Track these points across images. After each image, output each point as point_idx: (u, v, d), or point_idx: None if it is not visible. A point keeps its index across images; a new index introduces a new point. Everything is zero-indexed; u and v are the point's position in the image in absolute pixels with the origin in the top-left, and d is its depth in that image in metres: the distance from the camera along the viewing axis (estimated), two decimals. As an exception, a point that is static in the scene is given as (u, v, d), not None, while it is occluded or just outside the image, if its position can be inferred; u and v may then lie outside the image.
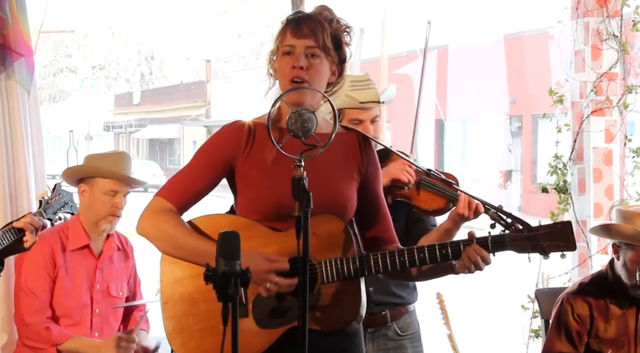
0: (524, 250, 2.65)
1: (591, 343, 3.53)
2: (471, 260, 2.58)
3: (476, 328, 8.36)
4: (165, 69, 52.39)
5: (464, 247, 2.60)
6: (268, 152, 2.61)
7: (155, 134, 40.71)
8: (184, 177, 2.68)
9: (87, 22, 50.15)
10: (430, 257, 2.60)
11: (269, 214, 2.59)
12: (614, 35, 4.98)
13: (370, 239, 2.74)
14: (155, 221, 2.61)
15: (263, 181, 2.61)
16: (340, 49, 2.67)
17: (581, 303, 3.54)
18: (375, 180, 2.77)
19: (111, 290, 3.88)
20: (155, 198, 2.66)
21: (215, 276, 2.21)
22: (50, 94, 50.66)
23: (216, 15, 48.77)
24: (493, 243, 2.61)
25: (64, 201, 3.52)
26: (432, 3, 33.84)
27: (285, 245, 2.54)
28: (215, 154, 2.66)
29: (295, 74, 2.59)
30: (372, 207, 2.75)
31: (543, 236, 2.62)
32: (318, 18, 2.63)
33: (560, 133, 5.28)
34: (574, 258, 5.17)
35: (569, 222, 2.65)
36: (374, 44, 23.20)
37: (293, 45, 2.60)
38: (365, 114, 3.45)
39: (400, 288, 3.56)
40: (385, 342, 3.55)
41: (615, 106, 5.01)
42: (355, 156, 2.70)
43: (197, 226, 2.63)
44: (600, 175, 5.02)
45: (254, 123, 2.68)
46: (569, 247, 2.63)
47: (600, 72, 4.98)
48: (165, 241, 2.60)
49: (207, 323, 2.57)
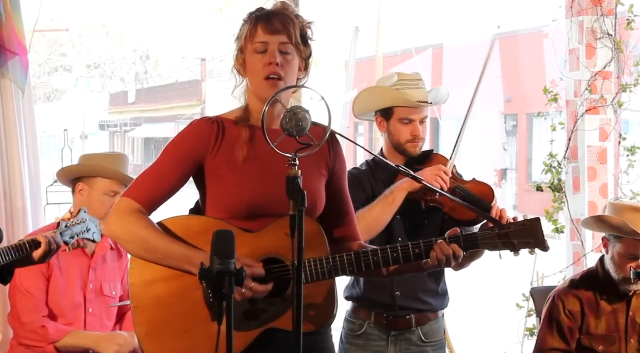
0: (496, 248, 2.65)
1: (582, 340, 3.54)
2: (444, 253, 2.58)
3: (471, 327, 8.36)
4: (161, 68, 52.29)
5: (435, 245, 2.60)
6: (239, 150, 2.58)
7: (150, 133, 40.62)
8: (152, 175, 2.61)
9: (82, 21, 50.02)
10: (404, 256, 2.59)
11: (239, 213, 2.55)
12: (609, 34, 4.98)
13: (334, 235, 2.71)
14: (125, 223, 2.54)
15: (234, 179, 2.57)
16: (306, 45, 2.64)
17: (572, 300, 3.55)
18: (342, 177, 2.75)
19: (104, 290, 3.88)
20: (123, 199, 2.58)
21: (209, 275, 2.20)
22: (45, 93, 50.52)
23: (211, 14, 48.70)
24: (465, 241, 2.61)
25: (86, 227, 3.34)
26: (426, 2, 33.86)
27: (256, 246, 2.51)
28: (184, 150, 2.60)
29: (271, 70, 2.56)
30: (337, 203, 2.73)
31: (514, 234, 2.62)
32: (286, 13, 2.60)
33: (555, 132, 5.29)
34: (568, 257, 5.18)
35: (537, 219, 2.65)
36: (369, 43, 23.21)
37: (266, 42, 2.57)
38: (417, 114, 3.41)
39: (428, 294, 3.51)
40: (408, 347, 3.50)
41: (609, 105, 5.01)
42: (323, 152, 2.67)
43: (168, 227, 2.55)
44: (594, 174, 5.03)
45: (222, 119, 2.64)
46: (538, 244, 2.63)
47: (594, 71, 4.99)
48: (136, 244, 2.53)
49: (181, 327, 2.51)
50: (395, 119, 3.42)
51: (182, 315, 2.51)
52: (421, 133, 3.44)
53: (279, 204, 2.48)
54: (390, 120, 3.45)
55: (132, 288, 2.55)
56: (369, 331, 3.47)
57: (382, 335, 3.48)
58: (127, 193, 2.59)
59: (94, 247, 3.88)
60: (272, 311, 2.51)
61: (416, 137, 3.43)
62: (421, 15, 35.01)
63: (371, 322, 3.48)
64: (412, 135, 3.42)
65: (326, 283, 2.56)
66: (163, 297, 2.53)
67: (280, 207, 2.46)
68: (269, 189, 2.55)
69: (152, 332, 2.52)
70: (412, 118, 3.41)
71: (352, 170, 3.44)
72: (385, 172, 3.48)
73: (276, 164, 2.50)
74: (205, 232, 2.47)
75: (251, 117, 2.62)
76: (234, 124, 2.61)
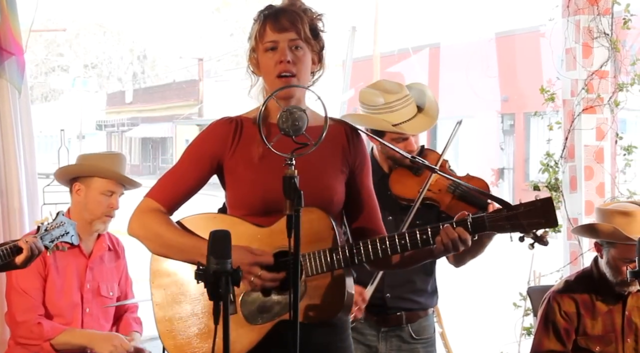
0: (505, 229, 2.56)
1: (579, 341, 3.54)
2: (449, 237, 2.53)
3: (468, 326, 8.36)
4: (158, 68, 52.28)
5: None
6: (255, 148, 2.61)
7: (147, 132, 40.62)
8: (172, 176, 2.68)
9: (79, 20, 50.01)
10: (412, 242, 2.55)
11: (255, 209, 2.59)
12: (605, 33, 4.98)
13: (358, 231, 2.72)
14: (143, 222, 2.62)
15: (249, 176, 2.61)
16: (318, 37, 2.65)
17: (568, 301, 3.55)
18: (363, 172, 2.75)
19: (101, 290, 3.88)
20: (144, 200, 2.66)
21: (206, 275, 2.20)
22: (42, 92, 50.51)
23: (208, 14, 48.72)
24: (473, 224, 2.55)
25: (64, 230, 3.34)
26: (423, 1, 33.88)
27: (270, 240, 2.55)
28: (202, 151, 2.66)
29: (282, 68, 2.58)
30: (360, 198, 2.73)
31: (523, 215, 2.53)
32: (294, 9, 2.62)
33: (552, 131, 5.28)
34: (565, 256, 5.18)
35: (549, 198, 2.57)
36: (366, 42, 23.22)
37: (275, 40, 2.59)
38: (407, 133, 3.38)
39: (418, 294, 3.51)
40: (399, 344, 3.51)
41: (606, 104, 5.02)
42: (343, 148, 2.69)
43: (185, 226, 2.64)
44: (591, 173, 5.03)
45: (241, 118, 2.68)
46: (550, 223, 2.53)
47: (591, 70, 4.99)
48: (154, 240, 2.61)
49: (196, 325, 2.60)
50: (387, 139, 3.39)
51: (195, 314, 2.61)
52: (415, 145, 3.43)
53: None
54: (382, 138, 3.42)
55: (152, 287, 2.67)
56: (359, 327, 3.46)
57: (373, 331, 3.49)
58: (149, 194, 2.66)
59: (92, 247, 3.88)
60: (283, 303, 2.53)
61: (410, 152, 3.41)
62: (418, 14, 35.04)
63: (362, 318, 3.47)
64: (405, 150, 3.37)
65: (337, 274, 2.55)
66: (177, 296, 2.63)
67: None
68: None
69: (170, 329, 2.62)
70: (404, 137, 3.40)
71: None
72: (374, 174, 3.47)
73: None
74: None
75: (269, 116, 2.63)
76: (253, 123, 2.63)
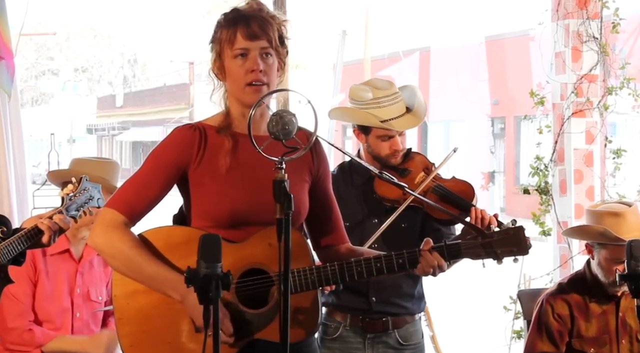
0: (479, 256, 2.62)
1: (573, 343, 3.55)
2: (430, 265, 2.56)
3: (459, 329, 8.37)
4: (149, 72, 52.16)
5: (420, 255, 2.57)
6: (222, 159, 2.54)
7: (138, 136, 40.51)
8: (135, 185, 2.57)
9: (69, 24, 49.84)
10: (388, 266, 2.56)
11: (222, 221, 2.52)
12: (594, 37, 5.00)
13: (321, 239, 2.71)
14: (110, 238, 2.51)
15: (216, 188, 2.54)
16: (283, 44, 2.61)
17: (561, 303, 3.56)
18: (326, 180, 2.72)
19: (91, 295, 3.87)
20: (107, 211, 2.55)
21: (196, 279, 2.18)
22: (32, 96, 50.33)
23: (199, 17, 48.61)
24: (449, 251, 2.59)
25: (89, 195, 3.29)
26: (414, 5, 33.93)
27: (240, 257, 2.50)
28: (166, 159, 2.56)
29: (254, 77, 2.52)
30: (323, 207, 2.71)
31: (497, 242, 2.58)
32: (263, 15, 2.55)
33: (542, 134, 5.30)
34: (555, 259, 5.19)
35: (521, 227, 2.61)
36: (356, 46, 23.24)
37: (247, 48, 2.52)
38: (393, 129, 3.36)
39: (405, 298, 3.50)
40: (385, 350, 3.48)
41: (595, 108, 5.03)
42: (306, 157, 2.62)
43: (149, 240, 2.53)
44: (581, 177, 5.04)
45: (203, 126, 2.60)
46: (521, 251, 2.60)
47: (580, 74, 5.01)
48: (121, 261, 2.51)
49: (165, 339, 2.52)
50: (373, 135, 3.39)
51: (166, 327, 2.51)
52: (400, 145, 3.41)
53: (262, 212, 2.47)
54: (369, 135, 3.43)
55: (116, 299, 2.55)
56: (344, 334, 3.45)
57: (358, 338, 3.47)
58: (111, 204, 2.56)
59: (82, 251, 3.87)
60: (256, 322, 2.50)
61: (396, 151, 3.41)
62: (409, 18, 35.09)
63: (347, 325, 3.46)
64: (391, 149, 3.40)
65: (310, 293, 2.54)
66: (146, 309, 2.52)
67: (264, 215, 2.44)
68: (252, 197, 2.53)
69: (136, 343, 2.52)
70: (390, 134, 3.38)
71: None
72: (360, 177, 3.47)
73: (260, 172, 2.50)
74: (187, 242, 2.48)
75: (233, 124, 2.59)
76: (216, 132, 2.57)
